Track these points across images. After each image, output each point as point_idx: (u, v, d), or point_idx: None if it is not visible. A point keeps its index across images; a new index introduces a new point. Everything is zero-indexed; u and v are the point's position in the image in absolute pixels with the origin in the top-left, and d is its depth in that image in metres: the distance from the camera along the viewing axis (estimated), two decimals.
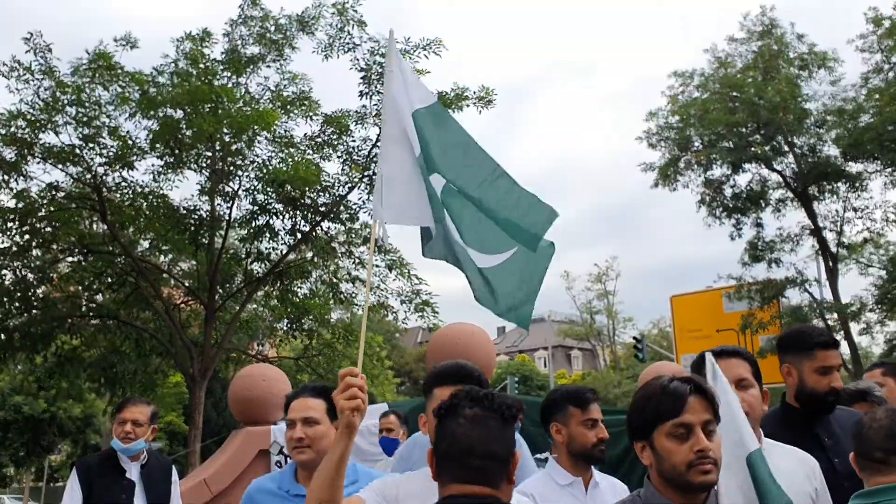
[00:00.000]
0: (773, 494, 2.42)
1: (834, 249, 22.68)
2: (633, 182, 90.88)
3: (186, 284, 15.01)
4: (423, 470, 2.65)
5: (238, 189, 14.04)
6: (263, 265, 14.87)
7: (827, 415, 3.30)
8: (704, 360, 2.66)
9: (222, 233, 14.43)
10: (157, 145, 12.51)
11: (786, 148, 22.23)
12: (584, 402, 3.45)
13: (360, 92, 14.03)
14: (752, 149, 21.28)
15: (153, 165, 13.63)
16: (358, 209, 14.39)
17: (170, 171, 13.64)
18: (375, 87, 13.84)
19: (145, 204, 13.65)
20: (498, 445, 2.17)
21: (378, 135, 14.03)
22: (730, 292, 24.06)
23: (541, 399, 3.91)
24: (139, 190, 13.62)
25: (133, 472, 4.93)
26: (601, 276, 46.03)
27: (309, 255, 15.16)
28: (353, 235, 14.83)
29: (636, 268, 76.14)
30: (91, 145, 12.53)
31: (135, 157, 12.72)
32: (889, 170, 21.26)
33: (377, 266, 14.86)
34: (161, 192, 13.79)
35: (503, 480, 2.17)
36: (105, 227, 13.26)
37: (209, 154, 13.22)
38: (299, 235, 14.41)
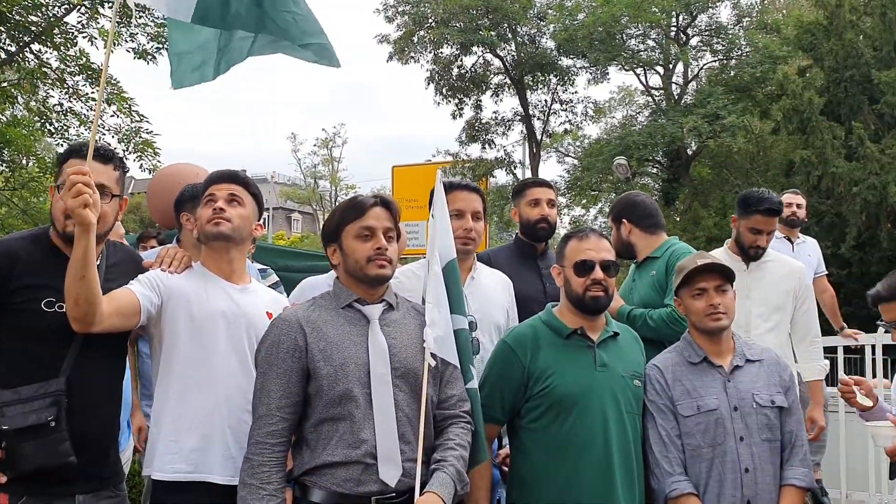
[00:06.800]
0: (459, 299, 2.91)
1: (539, 137, 24.82)
2: (370, 54, 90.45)
3: None
4: (194, 267, 2.93)
5: None
6: None
7: (543, 244, 4.05)
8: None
9: None
10: None
11: (510, 35, 23.59)
12: None
13: None
14: (481, 32, 22.30)
15: None
16: (76, 34, 13.23)
17: None
18: None
19: None
20: None
21: None
22: (446, 167, 25.46)
23: None
24: None
25: None
26: (328, 142, 46.20)
27: (14, 78, 13.70)
28: (68, 63, 13.61)
29: (364, 137, 77.23)
30: None
31: None
32: (594, 68, 23.50)
33: (93, 100, 13.86)
34: None
35: None
36: None
37: None
38: (3, 55, 12.97)
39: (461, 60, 24.00)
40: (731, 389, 2.97)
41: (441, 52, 23.72)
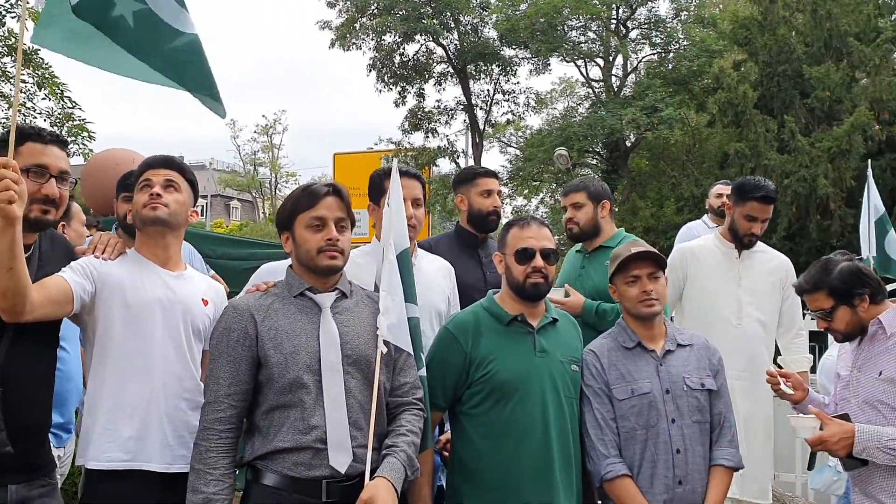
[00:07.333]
0: (411, 287, 2.95)
1: (482, 127, 24.92)
2: (311, 40, 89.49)
3: None
4: (128, 254, 2.88)
5: None
6: None
7: (488, 235, 4.09)
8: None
9: None
10: None
11: (452, 24, 23.60)
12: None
13: None
14: (423, 21, 22.25)
15: None
16: (3, 14, 12.76)
17: None
18: None
19: None
20: None
21: None
22: (388, 155, 25.38)
23: None
24: None
25: None
26: (268, 129, 45.60)
27: None
28: None
29: (305, 124, 76.48)
30: None
31: None
32: (536, 59, 23.67)
33: (24, 82, 13.41)
34: None
35: None
36: None
37: None
38: None
39: (404, 48, 23.95)
40: (664, 373, 3.05)
41: (383, 40, 23.61)
